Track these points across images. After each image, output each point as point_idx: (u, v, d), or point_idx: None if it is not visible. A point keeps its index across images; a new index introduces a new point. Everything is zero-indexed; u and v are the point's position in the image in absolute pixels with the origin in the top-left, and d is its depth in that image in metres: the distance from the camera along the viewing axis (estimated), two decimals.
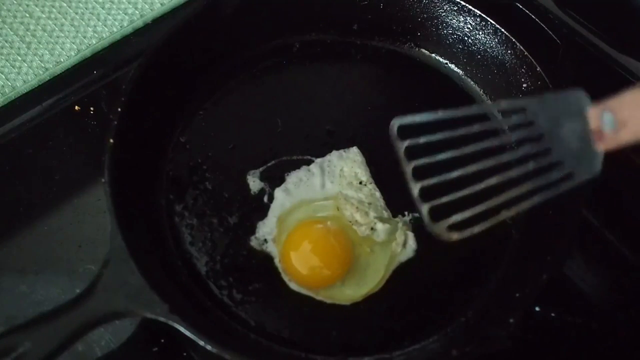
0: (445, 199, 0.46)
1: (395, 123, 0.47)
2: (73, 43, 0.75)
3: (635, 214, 0.69)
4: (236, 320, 0.59)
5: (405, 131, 0.47)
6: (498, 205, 0.48)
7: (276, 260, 0.62)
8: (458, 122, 0.46)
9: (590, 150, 0.44)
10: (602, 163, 0.43)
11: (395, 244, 0.62)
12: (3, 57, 0.73)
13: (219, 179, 0.66)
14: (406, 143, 0.47)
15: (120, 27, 0.76)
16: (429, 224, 0.45)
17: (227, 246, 0.63)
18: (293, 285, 0.61)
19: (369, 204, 0.64)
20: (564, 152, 0.45)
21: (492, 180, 0.47)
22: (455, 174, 0.46)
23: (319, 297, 0.60)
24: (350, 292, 0.61)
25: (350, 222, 0.63)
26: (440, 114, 0.45)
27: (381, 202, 0.64)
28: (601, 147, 0.43)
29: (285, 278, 0.61)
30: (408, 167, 0.47)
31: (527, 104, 0.46)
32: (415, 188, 0.46)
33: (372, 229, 0.62)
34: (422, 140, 0.46)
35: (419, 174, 0.47)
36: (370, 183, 0.65)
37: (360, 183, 0.65)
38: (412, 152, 0.47)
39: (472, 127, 0.45)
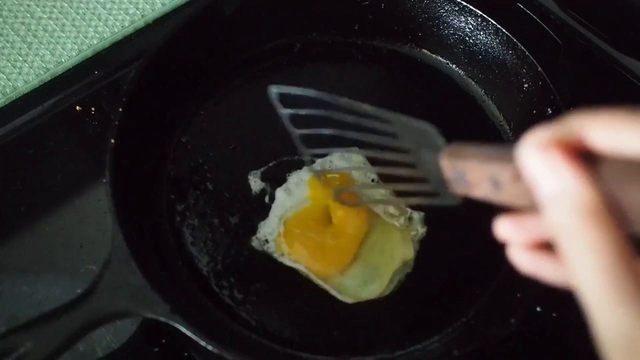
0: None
1: (273, 90, 0.52)
2: (74, 43, 0.75)
3: None
4: (237, 320, 0.59)
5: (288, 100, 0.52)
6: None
7: (276, 255, 0.62)
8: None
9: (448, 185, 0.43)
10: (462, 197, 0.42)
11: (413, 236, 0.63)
12: (4, 57, 0.73)
13: (220, 179, 0.66)
14: (288, 111, 0.53)
15: (122, 27, 0.76)
16: None
17: (228, 246, 0.63)
18: (287, 260, 0.61)
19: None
20: (427, 172, 0.45)
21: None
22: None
23: (314, 279, 0.60)
24: (352, 285, 0.60)
25: (384, 214, 0.63)
26: (321, 95, 0.49)
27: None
28: (455, 191, 0.42)
29: (284, 250, 0.61)
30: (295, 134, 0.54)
31: (393, 118, 0.47)
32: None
33: (409, 218, 0.62)
34: (302, 112, 0.51)
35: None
36: (379, 182, 0.65)
37: (372, 181, 0.65)
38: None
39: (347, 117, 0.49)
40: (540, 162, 0.32)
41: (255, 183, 0.66)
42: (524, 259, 0.37)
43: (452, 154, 0.41)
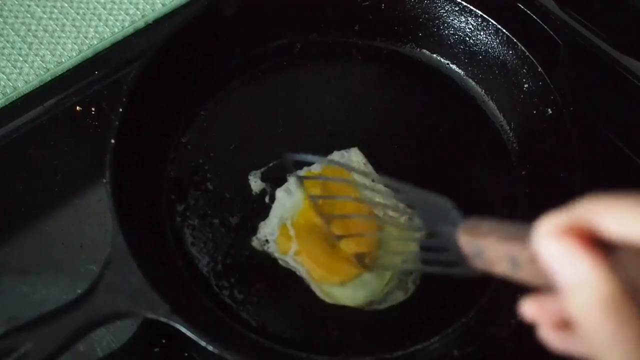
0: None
1: (288, 158, 0.57)
2: (74, 43, 0.75)
3: None
4: (237, 320, 0.59)
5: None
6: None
7: (276, 255, 0.62)
8: None
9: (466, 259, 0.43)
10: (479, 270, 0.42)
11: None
12: (4, 58, 0.73)
13: (220, 180, 0.66)
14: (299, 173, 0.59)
15: (122, 27, 0.76)
16: None
17: (228, 247, 0.63)
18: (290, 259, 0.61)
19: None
20: (445, 243, 0.45)
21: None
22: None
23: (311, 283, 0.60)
24: (350, 294, 0.61)
25: (384, 215, 0.63)
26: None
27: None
28: (474, 266, 0.42)
29: (284, 251, 0.61)
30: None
31: (407, 189, 0.49)
32: None
33: (409, 219, 0.62)
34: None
35: None
36: (379, 182, 0.65)
37: (373, 181, 0.65)
38: None
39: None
40: (556, 253, 0.33)
41: (256, 183, 0.66)
42: (553, 339, 0.37)
43: (470, 231, 0.42)
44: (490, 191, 0.69)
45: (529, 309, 0.37)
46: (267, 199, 0.65)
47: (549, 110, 0.67)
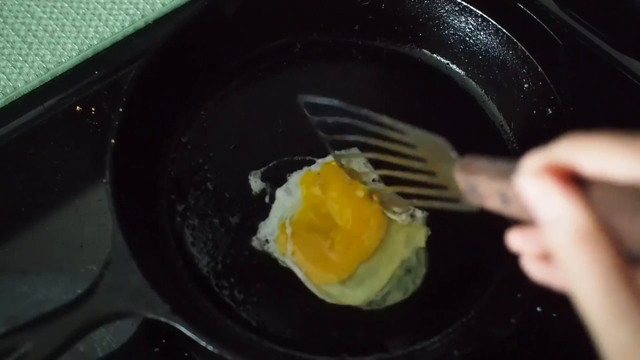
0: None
1: (302, 99, 0.57)
2: (74, 43, 0.75)
3: None
4: (237, 320, 0.59)
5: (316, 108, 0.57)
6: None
7: (276, 255, 0.62)
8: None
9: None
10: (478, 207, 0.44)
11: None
12: (4, 58, 0.73)
13: (220, 180, 0.66)
14: (315, 118, 0.58)
15: (122, 27, 0.76)
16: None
17: (228, 246, 0.63)
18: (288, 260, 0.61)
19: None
20: (445, 180, 0.47)
21: (397, 173, 0.55)
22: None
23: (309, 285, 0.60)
24: (350, 293, 0.61)
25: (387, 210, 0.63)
26: (344, 105, 0.54)
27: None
28: (469, 201, 0.44)
29: (284, 251, 0.61)
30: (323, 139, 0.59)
31: (409, 130, 0.50)
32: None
33: (411, 215, 0.62)
34: (330, 120, 0.56)
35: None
36: (380, 181, 0.65)
37: (374, 180, 0.65)
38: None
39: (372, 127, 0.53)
40: (535, 190, 0.34)
41: (256, 183, 0.66)
42: (535, 269, 0.39)
43: (464, 168, 0.44)
44: None
45: (514, 239, 0.39)
46: (267, 199, 0.65)
47: (549, 110, 0.67)
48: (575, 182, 0.33)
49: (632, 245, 0.32)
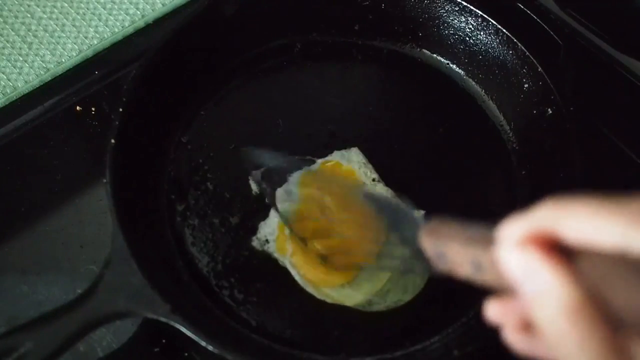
0: None
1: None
2: (74, 43, 0.75)
3: None
4: (237, 320, 0.59)
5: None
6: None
7: (276, 255, 0.62)
8: None
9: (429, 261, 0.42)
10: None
11: None
12: (4, 57, 0.73)
13: (220, 179, 0.66)
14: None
15: (122, 27, 0.76)
16: None
17: (228, 246, 0.63)
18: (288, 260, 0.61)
19: None
20: (408, 243, 0.45)
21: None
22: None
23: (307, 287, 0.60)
24: (351, 293, 0.61)
25: None
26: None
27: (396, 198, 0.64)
28: (437, 268, 0.41)
29: (285, 251, 0.61)
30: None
31: (363, 191, 0.50)
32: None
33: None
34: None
35: None
36: (380, 181, 0.65)
37: (374, 180, 0.65)
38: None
39: None
40: (518, 263, 0.32)
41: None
42: (517, 341, 0.37)
43: (432, 233, 0.41)
44: (490, 191, 0.69)
45: (493, 310, 0.37)
46: (267, 199, 0.65)
47: (549, 110, 0.67)
48: (560, 250, 0.31)
49: (623, 313, 0.30)
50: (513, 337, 0.37)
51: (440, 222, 0.41)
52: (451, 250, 0.39)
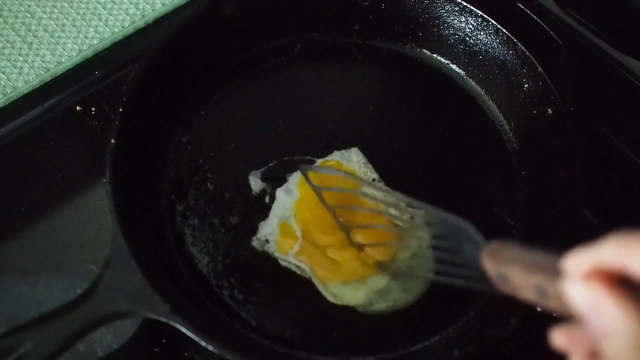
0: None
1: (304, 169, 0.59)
2: (74, 43, 0.75)
3: (635, 214, 0.69)
4: (237, 320, 0.59)
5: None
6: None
7: (276, 255, 0.62)
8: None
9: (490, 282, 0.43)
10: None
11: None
12: (4, 58, 0.73)
13: (220, 179, 0.66)
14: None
15: (122, 27, 0.76)
16: None
17: (228, 246, 0.63)
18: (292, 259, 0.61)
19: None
20: (467, 260, 0.45)
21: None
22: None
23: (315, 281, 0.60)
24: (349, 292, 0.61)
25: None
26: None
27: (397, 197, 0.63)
28: (499, 289, 0.42)
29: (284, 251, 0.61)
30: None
31: (427, 209, 0.49)
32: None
33: (411, 217, 0.62)
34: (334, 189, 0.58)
35: None
36: (380, 181, 0.65)
37: (374, 180, 0.65)
38: None
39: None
40: (585, 298, 0.32)
41: (256, 183, 0.66)
42: None
43: (494, 256, 0.41)
44: (490, 191, 0.69)
45: (560, 339, 0.37)
46: (267, 199, 0.65)
47: (549, 110, 0.67)
48: (627, 284, 0.32)
49: None
50: None
51: (503, 245, 0.41)
52: (514, 275, 0.39)
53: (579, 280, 0.33)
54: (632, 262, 0.31)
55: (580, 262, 0.33)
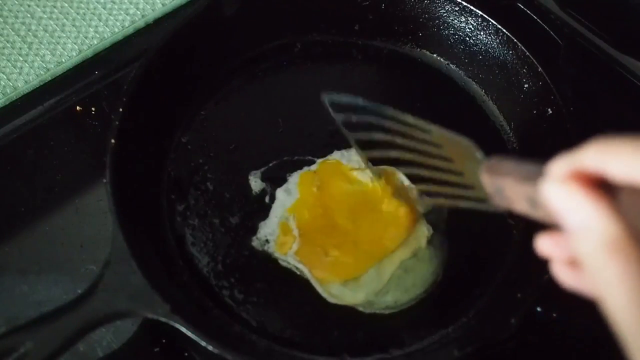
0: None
1: (326, 98, 0.55)
2: (74, 43, 0.75)
3: None
4: (237, 320, 0.59)
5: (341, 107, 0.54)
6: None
7: (276, 255, 0.62)
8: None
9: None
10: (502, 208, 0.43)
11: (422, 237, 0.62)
12: (4, 58, 0.73)
13: (220, 179, 0.66)
14: (341, 117, 0.54)
15: (122, 27, 0.76)
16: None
17: (228, 246, 0.63)
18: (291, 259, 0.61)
19: None
20: (471, 180, 0.46)
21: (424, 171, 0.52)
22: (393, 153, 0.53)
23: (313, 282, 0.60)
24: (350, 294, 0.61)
25: None
26: (369, 103, 0.52)
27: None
28: (497, 203, 0.43)
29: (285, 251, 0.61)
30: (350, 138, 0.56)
31: (433, 129, 0.49)
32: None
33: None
34: (354, 118, 0.54)
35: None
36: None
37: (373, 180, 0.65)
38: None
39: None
40: (562, 198, 0.33)
41: (256, 183, 0.66)
42: (564, 275, 0.38)
43: (491, 170, 0.42)
44: None
45: (544, 244, 0.38)
46: (267, 199, 0.65)
47: (549, 110, 0.67)
48: (604, 188, 0.32)
49: None
50: (560, 271, 0.38)
51: (499, 160, 0.42)
52: (508, 187, 0.40)
53: (557, 182, 0.34)
54: (610, 166, 0.32)
55: (560, 166, 0.34)
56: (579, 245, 0.33)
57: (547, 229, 0.38)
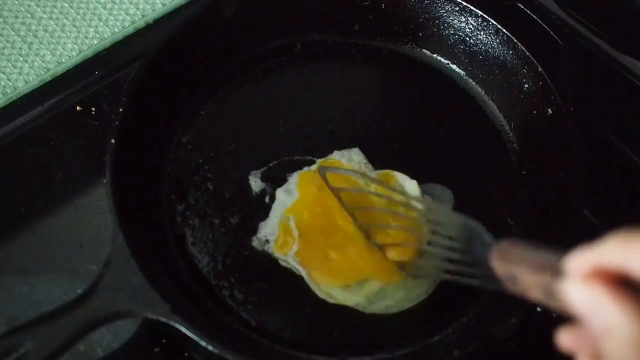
0: None
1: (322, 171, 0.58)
2: (74, 43, 0.75)
3: (635, 214, 0.69)
4: (238, 320, 0.59)
5: None
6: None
7: (276, 255, 0.62)
8: None
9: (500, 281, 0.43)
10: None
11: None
12: (4, 58, 0.73)
13: (220, 180, 0.66)
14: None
15: (122, 27, 0.76)
16: None
17: (228, 246, 0.63)
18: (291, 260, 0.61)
19: None
20: (476, 261, 0.46)
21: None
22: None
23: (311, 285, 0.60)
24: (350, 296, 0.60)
25: None
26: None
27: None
28: (508, 288, 0.42)
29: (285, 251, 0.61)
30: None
31: (436, 209, 0.51)
32: None
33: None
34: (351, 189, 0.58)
35: None
36: (380, 183, 0.65)
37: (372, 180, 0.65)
38: None
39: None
40: (585, 298, 0.33)
41: (256, 183, 0.66)
42: None
43: (503, 256, 0.42)
44: (490, 191, 0.69)
45: (565, 339, 0.37)
46: (267, 199, 0.65)
47: (549, 110, 0.67)
48: (625, 285, 0.32)
49: None
50: None
51: (511, 245, 0.42)
52: (522, 275, 0.39)
53: (579, 281, 0.33)
54: (632, 263, 0.31)
55: (580, 262, 0.33)
56: (604, 344, 0.32)
57: (566, 319, 0.37)
